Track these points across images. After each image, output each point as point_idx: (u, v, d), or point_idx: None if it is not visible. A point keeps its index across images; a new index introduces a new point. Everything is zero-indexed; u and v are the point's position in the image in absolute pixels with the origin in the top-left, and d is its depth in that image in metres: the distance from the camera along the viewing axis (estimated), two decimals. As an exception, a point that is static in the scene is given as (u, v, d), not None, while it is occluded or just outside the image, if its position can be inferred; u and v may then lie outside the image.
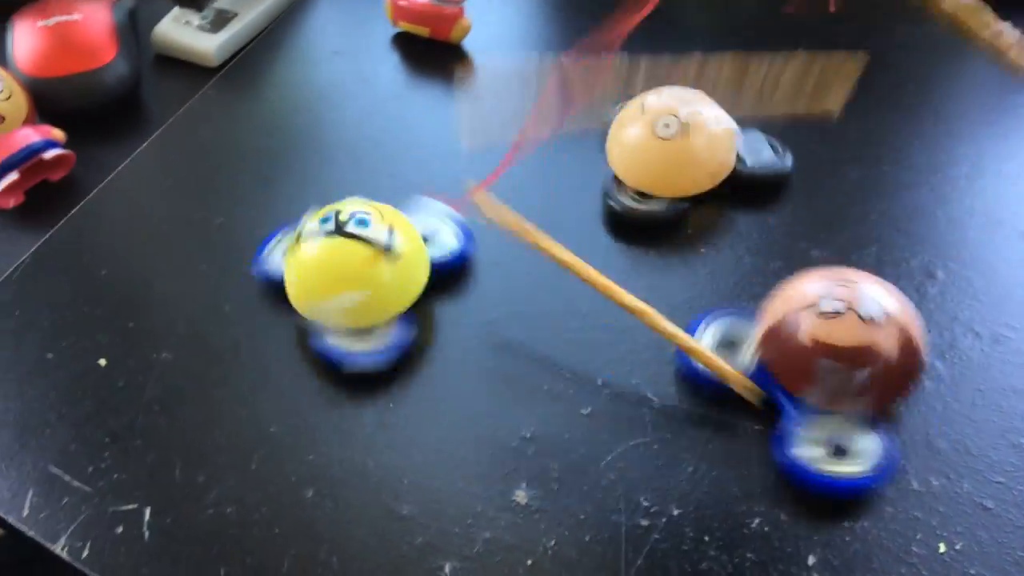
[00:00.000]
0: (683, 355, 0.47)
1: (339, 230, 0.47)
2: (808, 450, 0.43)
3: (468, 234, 0.54)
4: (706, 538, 0.42)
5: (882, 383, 0.42)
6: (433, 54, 0.69)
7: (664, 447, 0.45)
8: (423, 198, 0.54)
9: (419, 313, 0.50)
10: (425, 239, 0.52)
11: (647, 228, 0.55)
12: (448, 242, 0.53)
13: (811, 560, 0.41)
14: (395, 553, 0.42)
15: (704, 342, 0.47)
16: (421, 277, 0.50)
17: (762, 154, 0.57)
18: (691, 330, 0.48)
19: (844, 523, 0.42)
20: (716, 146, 0.55)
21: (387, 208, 0.50)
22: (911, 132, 0.61)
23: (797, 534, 0.42)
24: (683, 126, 0.54)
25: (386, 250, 0.47)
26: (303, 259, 0.48)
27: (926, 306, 0.50)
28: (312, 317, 0.49)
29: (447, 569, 0.41)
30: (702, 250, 0.54)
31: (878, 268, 0.52)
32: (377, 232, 0.48)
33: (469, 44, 0.70)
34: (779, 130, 0.58)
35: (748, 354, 0.46)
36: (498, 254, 0.54)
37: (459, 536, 0.42)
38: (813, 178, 0.58)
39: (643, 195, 0.55)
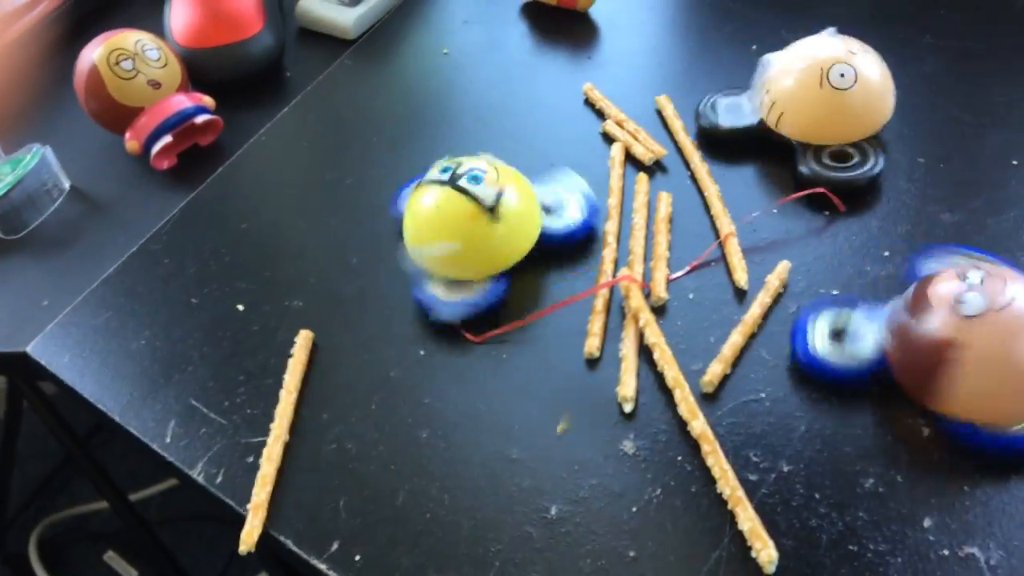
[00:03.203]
0: (800, 334, 0.46)
1: (451, 181, 0.49)
2: None
3: (594, 210, 0.54)
4: (816, 496, 0.41)
5: None
6: (560, 22, 0.70)
7: (776, 405, 0.45)
8: (564, 169, 0.55)
9: (527, 277, 0.52)
10: (549, 209, 0.53)
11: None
12: (572, 216, 0.53)
13: (927, 522, 0.40)
14: (503, 493, 0.43)
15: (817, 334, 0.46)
16: (523, 243, 0.51)
17: None
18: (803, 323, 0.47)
19: (964, 487, 0.41)
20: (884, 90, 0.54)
21: (508, 171, 0.51)
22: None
23: (913, 496, 0.41)
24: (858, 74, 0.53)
25: (489, 210, 0.49)
26: (415, 202, 0.50)
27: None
28: (415, 261, 0.51)
29: (553, 511, 0.42)
30: (826, 212, 0.53)
31: (1015, 234, 0.50)
32: (485, 191, 0.49)
33: (595, 12, 0.70)
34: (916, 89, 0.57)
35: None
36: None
37: (566, 481, 0.43)
38: (951, 141, 0.56)
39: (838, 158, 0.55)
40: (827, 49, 0.54)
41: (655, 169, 0.57)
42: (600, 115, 0.62)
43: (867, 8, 0.67)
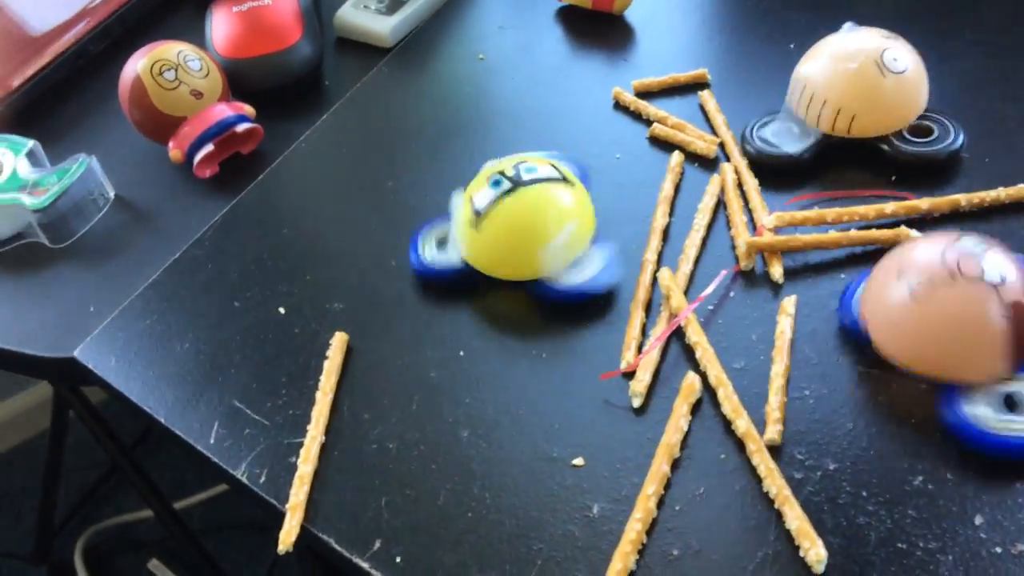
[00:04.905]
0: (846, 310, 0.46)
1: (518, 183, 0.49)
2: (979, 407, 0.41)
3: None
4: (864, 493, 0.41)
5: None
6: (596, 26, 0.70)
7: (821, 402, 0.44)
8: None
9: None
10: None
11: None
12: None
13: (978, 520, 0.39)
14: (545, 492, 0.43)
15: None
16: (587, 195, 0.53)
17: None
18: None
19: (1017, 484, 0.40)
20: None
21: (527, 155, 0.53)
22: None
23: (963, 493, 0.40)
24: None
25: (564, 180, 0.51)
26: (499, 225, 0.49)
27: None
28: (534, 271, 0.50)
29: (595, 509, 0.42)
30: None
31: (1064, 228, 0.49)
32: (548, 171, 0.51)
33: (631, 15, 0.70)
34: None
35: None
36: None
37: (608, 479, 0.43)
38: (993, 136, 0.55)
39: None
40: (862, 40, 0.54)
41: (695, 161, 0.57)
42: (636, 117, 0.62)
43: (906, 3, 0.66)
